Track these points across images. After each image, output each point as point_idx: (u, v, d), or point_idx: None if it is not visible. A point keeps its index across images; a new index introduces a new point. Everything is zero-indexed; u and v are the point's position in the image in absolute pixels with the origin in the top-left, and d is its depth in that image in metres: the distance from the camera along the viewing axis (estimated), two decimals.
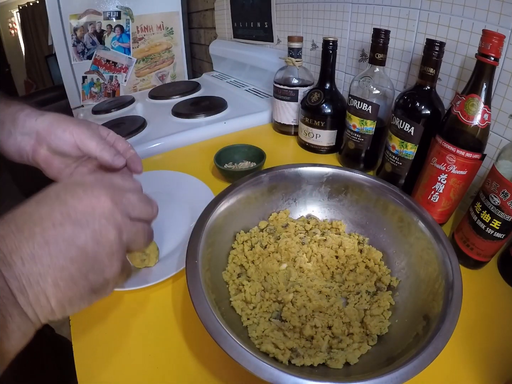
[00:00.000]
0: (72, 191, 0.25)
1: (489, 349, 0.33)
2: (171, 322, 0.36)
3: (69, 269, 0.22)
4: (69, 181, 0.27)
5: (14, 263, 0.20)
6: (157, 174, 0.60)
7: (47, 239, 0.22)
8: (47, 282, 0.21)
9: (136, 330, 0.35)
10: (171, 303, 0.38)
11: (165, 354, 0.33)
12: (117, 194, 0.27)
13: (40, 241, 0.21)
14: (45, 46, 2.90)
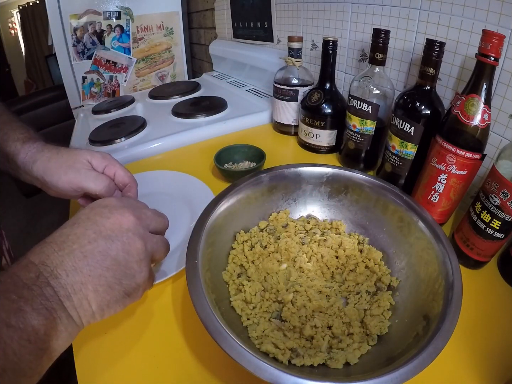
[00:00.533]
0: (100, 212, 0.29)
1: (489, 349, 0.33)
2: (171, 322, 0.36)
3: (106, 277, 0.27)
4: (94, 204, 0.31)
5: (60, 276, 0.24)
6: (157, 174, 0.60)
7: (85, 254, 0.26)
8: (88, 289, 0.26)
9: (136, 330, 0.35)
10: (171, 303, 0.38)
11: (165, 354, 0.33)
12: (137, 211, 0.31)
13: (79, 255, 0.26)
14: (45, 46, 2.90)
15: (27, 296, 0.22)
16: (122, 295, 0.28)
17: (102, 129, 0.81)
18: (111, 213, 0.29)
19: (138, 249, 0.29)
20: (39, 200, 2.00)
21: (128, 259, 0.28)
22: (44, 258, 0.25)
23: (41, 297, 0.23)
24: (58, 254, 0.25)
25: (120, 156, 0.68)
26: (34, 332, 0.22)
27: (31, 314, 0.22)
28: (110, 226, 0.28)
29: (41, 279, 0.24)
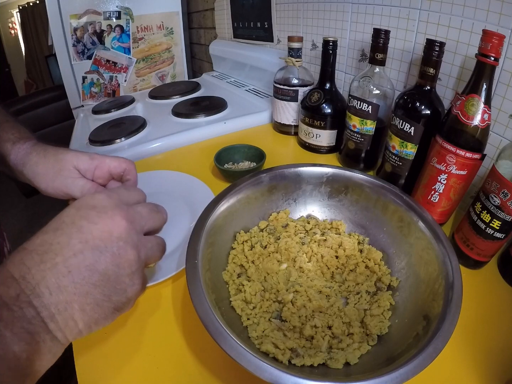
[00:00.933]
0: (86, 216, 0.25)
1: (489, 349, 0.33)
2: (171, 322, 0.36)
3: (93, 294, 0.24)
4: (81, 203, 0.27)
5: (42, 294, 0.22)
6: (157, 174, 0.60)
7: (69, 268, 0.23)
8: (74, 308, 0.23)
9: (136, 330, 0.35)
10: (171, 303, 0.38)
11: (165, 354, 0.33)
12: (129, 211, 0.27)
13: (63, 271, 0.23)
14: (45, 46, 2.90)
15: (6, 318, 0.20)
16: (111, 311, 0.25)
17: (102, 129, 0.81)
18: (99, 217, 0.25)
19: (130, 261, 0.26)
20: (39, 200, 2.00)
21: (118, 273, 0.25)
22: (24, 271, 0.22)
23: (22, 319, 0.21)
24: (39, 267, 0.22)
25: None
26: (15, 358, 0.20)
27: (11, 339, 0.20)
28: (99, 234, 0.25)
29: (22, 298, 0.21)
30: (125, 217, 0.26)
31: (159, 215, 0.31)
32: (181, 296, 0.39)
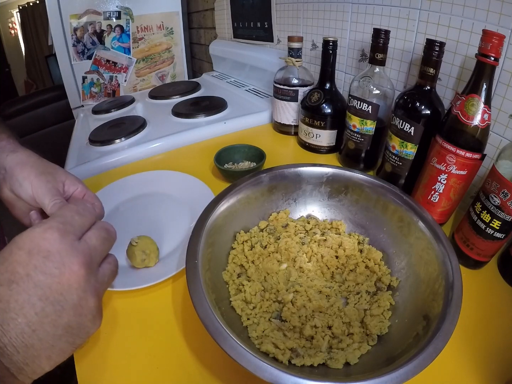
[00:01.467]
0: (41, 268, 0.24)
1: (489, 349, 0.33)
2: (171, 322, 0.36)
3: (59, 344, 0.25)
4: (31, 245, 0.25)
5: (11, 353, 0.22)
6: (157, 174, 0.60)
7: (33, 328, 0.23)
8: (41, 359, 0.24)
9: (136, 330, 0.35)
10: (171, 303, 0.38)
11: (165, 354, 0.33)
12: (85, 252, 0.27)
13: (27, 331, 0.23)
14: (45, 46, 2.90)
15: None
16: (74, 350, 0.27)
17: (102, 129, 0.81)
18: (56, 268, 0.24)
19: (91, 308, 0.26)
20: None
21: (81, 322, 0.26)
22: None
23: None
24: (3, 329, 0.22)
25: (120, 156, 0.69)
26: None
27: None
28: (58, 288, 0.24)
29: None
30: (83, 263, 0.26)
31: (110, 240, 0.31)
32: (181, 296, 0.39)
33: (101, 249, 0.29)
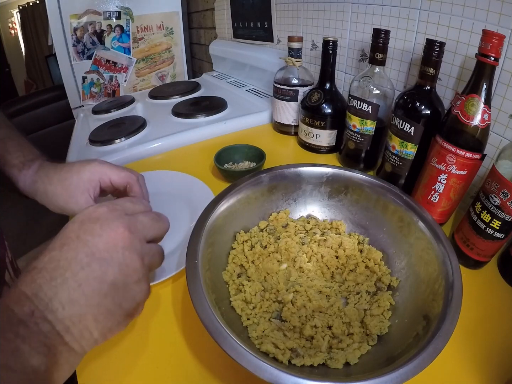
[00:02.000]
0: (90, 230, 0.26)
1: (489, 349, 0.33)
2: (171, 322, 0.36)
3: (105, 304, 0.25)
4: (83, 217, 0.27)
5: (56, 309, 0.23)
6: (157, 174, 0.60)
7: (79, 282, 0.24)
8: (88, 319, 0.24)
9: (135, 330, 0.35)
10: (171, 303, 0.38)
11: (165, 354, 0.33)
12: (131, 221, 0.28)
13: (73, 285, 0.24)
14: (45, 46, 2.90)
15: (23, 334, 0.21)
16: (123, 318, 0.27)
17: (102, 129, 0.81)
18: (103, 229, 0.26)
19: (136, 268, 0.27)
20: None
21: (126, 282, 0.26)
22: (36, 289, 0.23)
23: (38, 334, 0.22)
24: (51, 284, 0.23)
25: (120, 156, 0.69)
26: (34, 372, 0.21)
27: (29, 354, 0.21)
28: (104, 247, 0.26)
29: (37, 314, 0.22)
30: (128, 227, 0.27)
31: (160, 223, 0.32)
32: (181, 296, 0.39)
33: (150, 226, 0.30)
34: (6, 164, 0.40)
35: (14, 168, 0.40)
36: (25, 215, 1.99)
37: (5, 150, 0.40)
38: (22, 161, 0.40)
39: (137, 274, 0.27)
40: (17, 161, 0.40)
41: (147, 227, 0.30)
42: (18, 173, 0.39)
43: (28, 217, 1.96)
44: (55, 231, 0.28)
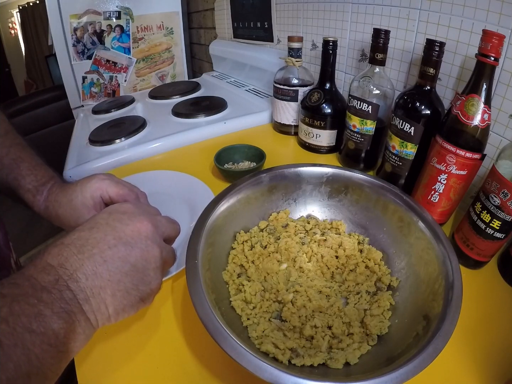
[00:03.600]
0: (119, 219, 0.29)
1: (489, 349, 0.33)
2: (171, 322, 0.36)
3: (124, 282, 0.27)
4: (112, 209, 0.31)
5: (79, 279, 0.25)
6: (157, 174, 0.60)
7: (105, 258, 0.26)
8: (107, 293, 0.26)
9: (135, 330, 0.35)
10: (171, 303, 0.38)
11: (165, 354, 0.33)
12: (153, 218, 0.32)
13: (99, 260, 0.26)
14: (45, 46, 2.90)
15: (46, 299, 0.23)
16: (137, 300, 0.29)
17: (102, 129, 0.81)
18: (130, 220, 0.30)
19: (156, 257, 0.30)
20: None
21: (146, 266, 0.29)
22: (63, 260, 0.25)
23: (60, 300, 0.23)
24: (77, 257, 0.25)
25: (120, 156, 0.69)
26: (54, 335, 0.22)
27: (51, 318, 0.22)
28: (130, 233, 0.29)
29: (60, 283, 0.24)
30: (151, 222, 0.31)
31: (174, 225, 0.35)
32: (181, 296, 0.39)
33: (166, 226, 0.34)
34: (21, 188, 0.41)
35: (28, 193, 0.41)
36: (26, 215, 1.99)
37: (18, 173, 0.41)
38: (35, 186, 0.41)
39: (155, 262, 0.30)
40: (30, 186, 0.41)
41: (164, 226, 0.33)
42: (33, 199, 0.41)
43: (28, 216, 1.96)
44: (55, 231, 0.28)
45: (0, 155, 0.41)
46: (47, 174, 0.43)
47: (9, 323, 0.20)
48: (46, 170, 0.44)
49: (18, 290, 0.22)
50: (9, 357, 0.19)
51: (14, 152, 0.42)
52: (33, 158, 0.44)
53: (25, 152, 0.44)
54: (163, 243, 0.32)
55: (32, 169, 0.42)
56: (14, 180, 0.41)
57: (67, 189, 0.41)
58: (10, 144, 0.43)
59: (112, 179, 0.41)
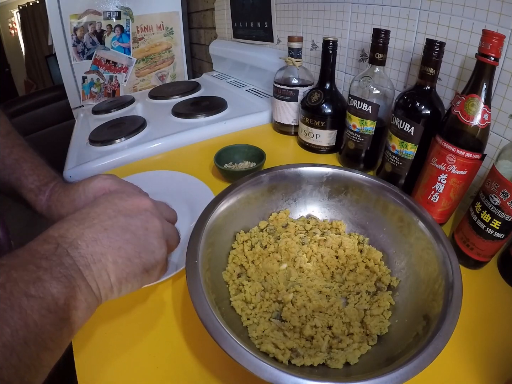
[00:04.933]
0: (119, 197, 0.30)
1: (489, 349, 0.33)
2: (171, 322, 0.36)
3: (125, 249, 0.27)
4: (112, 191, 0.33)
5: (79, 246, 0.25)
6: (157, 174, 0.60)
7: (105, 227, 0.27)
8: (108, 259, 0.26)
9: (136, 330, 0.35)
10: (171, 303, 0.38)
11: (165, 354, 0.33)
12: (151, 199, 0.32)
13: (99, 228, 0.26)
14: (45, 46, 2.90)
15: (45, 266, 0.22)
16: (140, 270, 0.28)
17: (102, 129, 0.81)
18: (129, 197, 0.30)
19: (157, 227, 0.30)
20: None
21: (147, 235, 0.29)
22: (63, 231, 0.25)
23: (60, 266, 0.23)
24: (78, 228, 0.26)
25: (120, 156, 0.69)
26: (53, 301, 0.22)
27: (50, 283, 0.22)
28: (129, 207, 0.29)
29: (60, 250, 0.24)
30: (148, 199, 0.32)
31: (172, 211, 0.36)
32: (181, 296, 0.39)
33: (166, 208, 0.35)
34: (23, 188, 0.41)
35: (31, 193, 0.41)
36: (25, 215, 1.99)
37: (21, 173, 0.41)
38: (38, 185, 0.41)
39: (157, 232, 0.30)
40: (33, 185, 0.41)
41: (163, 207, 0.34)
42: (35, 198, 0.41)
43: (28, 217, 1.96)
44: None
45: (3, 155, 0.41)
46: (49, 174, 0.43)
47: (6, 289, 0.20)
48: (48, 171, 0.44)
49: (17, 259, 0.22)
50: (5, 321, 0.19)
51: (16, 152, 0.42)
52: (35, 158, 0.44)
53: (27, 152, 0.44)
54: (164, 220, 0.32)
55: (35, 169, 0.42)
56: (16, 180, 0.41)
57: (69, 189, 0.40)
58: (12, 144, 0.43)
59: (115, 179, 0.41)
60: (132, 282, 0.28)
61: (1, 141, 0.42)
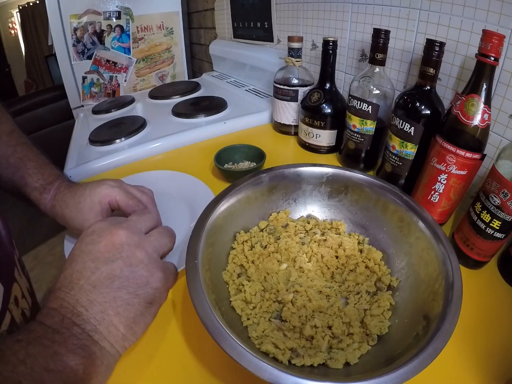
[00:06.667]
0: (90, 241, 0.30)
1: (489, 349, 0.33)
2: (171, 322, 0.36)
3: (120, 296, 0.27)
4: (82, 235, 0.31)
5: (80, 313, 0.26)
6: (157, 174, 0.60)
7: (93, 284, 0.27)
8: (110, 314, 0.27)
9: None
10: (171, 303, 0.38)
11: (165, 354, 0.33)
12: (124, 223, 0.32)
13: (89, 288, 0.27)
14: (45, 46, 2.90)
15: (59, 339, 0.23)
16: (144, 306, 0.29)
17: (102, 129, 0.81)
18: (100, 236, 0.30)
19: (139, 257, 0.29)
20: None
21: (134, 271, 0.29)
22: (60, 302, 0.26)
23: (72, 337, 0.24)
24: (70, 294, 0.26)
25: (120, 156, 0.69)
26: (73, 372, 0.22)
27: (67, 356, 0.23)
28: (104, 249, 0.29)
29: (66, 321, 0.25)
30: (121, 228, 0.30)
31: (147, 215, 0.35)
32: (181, 296, 0.39)
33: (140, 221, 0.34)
34: (27, 186, 0.41)
35: (35, 191, 0.41)
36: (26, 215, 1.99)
37: (25, 172, 0.41)
38: (42, 184, 0.41)
39: (142, 262, 0.29)
40: (37, 184, 0.41)
41: (138, 222, 0.33)
42: (39, 197, 0.41)
43: (28, 216, 1.96)
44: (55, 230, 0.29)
45: (7, 154, 0.41)
46: (54, 173, 0.43)
47: (27, 365, 0.21)
48: (53, 169, 0.44)
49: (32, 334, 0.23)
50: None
51: (20, 151, 0.42)
52: (39, 157, 0.44)
53: (31, 151, 0.44)
54: (143, 237, 0.31)
55: (39, 167, 0.42)
56: (20, 178, 0.41)
57: (75, 190, 0.40)
58: (16, 143, 0.43)
59: (122, 187, 0.41)
60: (142, 321, 0.29)
61: (4, 139, 0.42)
